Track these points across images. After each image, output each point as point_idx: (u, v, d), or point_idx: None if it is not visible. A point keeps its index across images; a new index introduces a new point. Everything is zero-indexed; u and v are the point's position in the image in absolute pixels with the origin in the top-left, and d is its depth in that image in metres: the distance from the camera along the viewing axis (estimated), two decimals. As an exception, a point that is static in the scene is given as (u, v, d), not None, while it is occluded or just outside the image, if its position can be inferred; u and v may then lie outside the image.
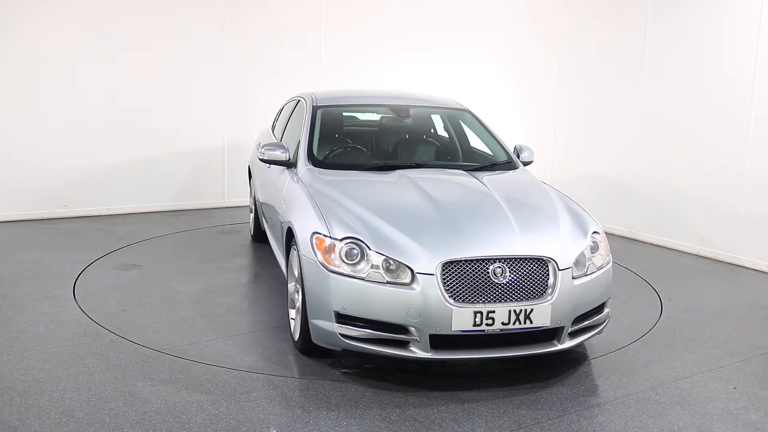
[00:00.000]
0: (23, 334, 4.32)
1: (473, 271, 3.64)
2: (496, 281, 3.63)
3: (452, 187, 4.64)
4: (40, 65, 7.25)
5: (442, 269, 3.61)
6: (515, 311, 3.60)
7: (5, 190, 7.24)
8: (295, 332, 4.21)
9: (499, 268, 3.66)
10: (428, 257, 3.64)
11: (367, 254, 3.70)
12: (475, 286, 3.61)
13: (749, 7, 6.39)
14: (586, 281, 3.87)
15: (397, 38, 9.28)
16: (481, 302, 3.59)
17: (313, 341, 3.92)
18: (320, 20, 8.81)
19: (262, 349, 4.24)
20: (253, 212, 6.77)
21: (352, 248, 3.73)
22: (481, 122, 5.63)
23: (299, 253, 3.99)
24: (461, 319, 3.56)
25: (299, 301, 4.06)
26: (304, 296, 3.92)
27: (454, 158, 5.55)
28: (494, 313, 3.57)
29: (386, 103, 5.91)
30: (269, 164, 5.23)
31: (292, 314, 4.31)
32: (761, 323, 4.99)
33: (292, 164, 4.98)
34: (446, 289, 3.58)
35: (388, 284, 3.63)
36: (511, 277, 3.66)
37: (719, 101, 6.66)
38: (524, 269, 3.71)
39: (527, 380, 3.88)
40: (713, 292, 5.74)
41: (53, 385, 3.64)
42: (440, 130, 5.94)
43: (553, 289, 3.71)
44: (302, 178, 4.68)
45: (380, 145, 5.57)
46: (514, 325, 3.61)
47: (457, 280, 3.61)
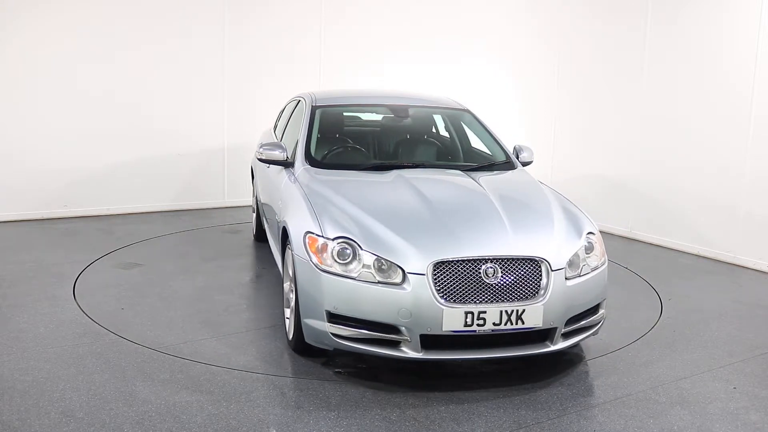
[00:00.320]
0: (23, 334, 4.32)
1: (465, 271, 3.62)
2: (487, 281, 3.62)
3: (447, 187, 4.62)
4: (40, 65, 7.25)
5: (433, 269, 3.60)
6: (507, 312, 3.58)
7: (5, 190, 7.24)
8: (289, 332, 4.21)
9: (490, 268, 3.64)
10: (419, 257, 3.63)
11: (358, 254, 3.69)
12: (466, 286, 3.60)
13: (749, 7, 6.39)
14: (579, 282, 3.85)
15: (397, 38, 9.28)
16: (472, 302, 3.58)
17: (306, 341, 3.92)
18: (320, 20, 8.81)
19: (257, 348, 4.24)
20: (255, 212, 6.78)
21: (344, 248, 3.72)
22: (480, 122, 5.61)
23: (293, 252, 4.00)
24: (452, 319, 3.54)
25: (294, 300, 4.06)
26: (297, 296, 3.93)
27: (452, 158, 5.54)
28: (485, 313, 3.56)
29: (385, 103, 5.89)
30: (268, 164, 5.23)
31: (287, 313, 4.31)
32: (761, 323, 5.00)
33: (289, 164, 4.97)
34: (437, 289, 3.57)
35: (379, 284, 3.62)
36: (503, 277, 3.64)
37: (719, 101, 6.66)
38: (516, 270, 3.69)
39: (527, 380, 3.88)
40: (713, 292, 5.74)
41: (53, 385, 3.64)
42: (439, 130, 5.93)
43: (545, 289, 3.69)
44: (299, 177, 4.67)
45: (378, 145, 5.55)
46: (505, 325, 3.59)
47: (448, 280, 3.60)
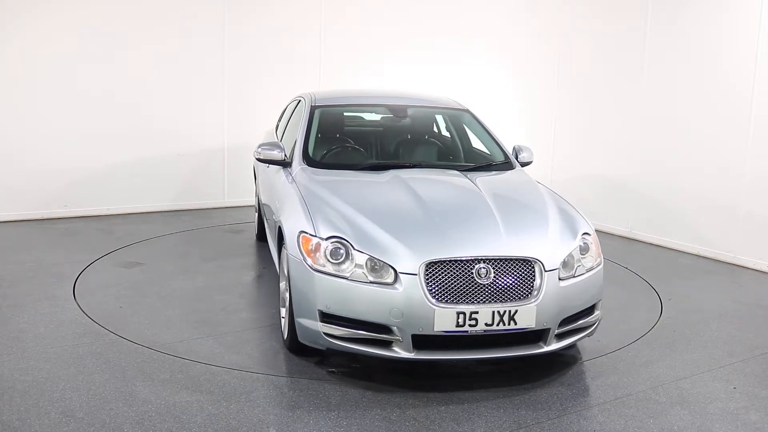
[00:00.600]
0: (23, 334, 4.32)
1: (457, 271, 3.61)
2: (480, 282, 3.60)
3: (442, 187, 4.61)
4: (40, 65, 7.25)
5: (425, 269, 3.59)
6: (499, 312, 3.57)
7: (5, 190, 7.24)
8: (284, 331, 4.21)
9: (483, 268, 3.62)
10: (411, 257, 3.62)
11: (351, 254, 3.69)
12: (458, 286, 3.59)
13: (749, 7, 6.39)
14: (574, 283, 3.82)
15: (397, 38, 9.28)
16: (464, 303, 3.57)
17: (299, 340, 3.91)
18: (320, 20, 8.81)
19: (252, 347, 4.24)
20: (258, 212, 6.78)
21: (337, 248, 3.72)
22: (480, 122, 5.60)
23: (287, 251, 4.00)
24: (444, 319, 3.53)
25: (288, 299, 4.06)
26: (290, 295, 3.93)
27: (450, 158, 5.52)
28: (477, 314, 3.55)
29: (385, 103, 5.89)
30: (267, 164, 5.23)
31: (282, 313, 4.32)
32: (761, 323, 5.00)
33: (287, 164, 4.97)
34: (429, 289, 3.57)
35: (371, 284, 3.61)
36: (495, 277, 3.63)
37: (719, 101, 6.66)
38: (509, 270, 3.67)
39: (527, 380, 3.88)
40: (713, 292, 5.74)
41: (53, 385, 3.64)
42: (439, 130, 5.92)
43: (538, 290, 3.67)
44: (296, 177, 4.67)
45: (377, 145, 5.54)
46: (498, 326, 3.58)
47: (440, 280, 3.59)
